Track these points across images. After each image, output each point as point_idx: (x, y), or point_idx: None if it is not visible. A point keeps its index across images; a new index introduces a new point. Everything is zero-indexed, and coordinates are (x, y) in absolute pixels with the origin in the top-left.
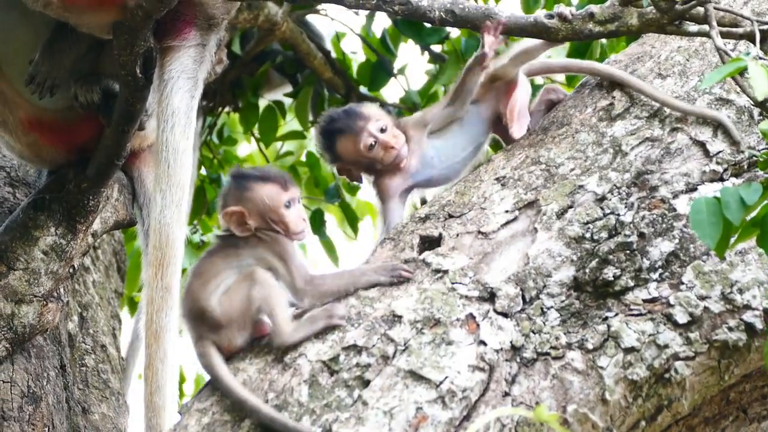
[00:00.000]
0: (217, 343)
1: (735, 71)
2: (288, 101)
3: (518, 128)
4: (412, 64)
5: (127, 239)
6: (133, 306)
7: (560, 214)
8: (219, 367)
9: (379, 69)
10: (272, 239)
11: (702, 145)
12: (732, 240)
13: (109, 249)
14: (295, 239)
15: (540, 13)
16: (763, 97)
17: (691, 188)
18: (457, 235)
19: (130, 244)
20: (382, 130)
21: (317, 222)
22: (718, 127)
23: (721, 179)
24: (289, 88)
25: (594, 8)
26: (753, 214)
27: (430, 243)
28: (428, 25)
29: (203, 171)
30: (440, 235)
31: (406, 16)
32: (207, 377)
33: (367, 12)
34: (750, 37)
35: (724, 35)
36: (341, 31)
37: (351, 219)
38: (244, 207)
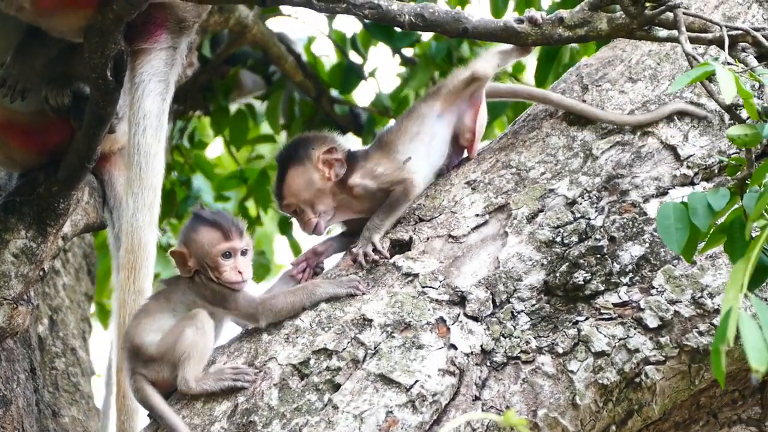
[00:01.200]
0: (148, 377)
1: (702, 75)
2: (259, 105)
3: (477, 149)
4: (383, 67)
5: (98, 242)
6: (103, 313)
7: (531, 218)
8: (152, 398)
9: (350, 72)
10: (204, 284)
11: (673, 149)
12: (700, 246)
13: (79, 252)
14: (229, 288)
15: (510, 18)
16: (730, 100)
17: (662, 192)
18: (428, 238)
19: (101, 248)
20: (296, 213)
21: (285, 225)
22: (689, 130)
23: (692, 183)
24: (259, 92)
25: (563, 13)
26: (721, 219)
27: (400, 247)
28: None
29: (174, 174)
30: (411, 238)
31: (376, 20)
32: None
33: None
34: (719, 42)
35: (693, 40)
36: (312, 34)
37: None
38: (188, 248)
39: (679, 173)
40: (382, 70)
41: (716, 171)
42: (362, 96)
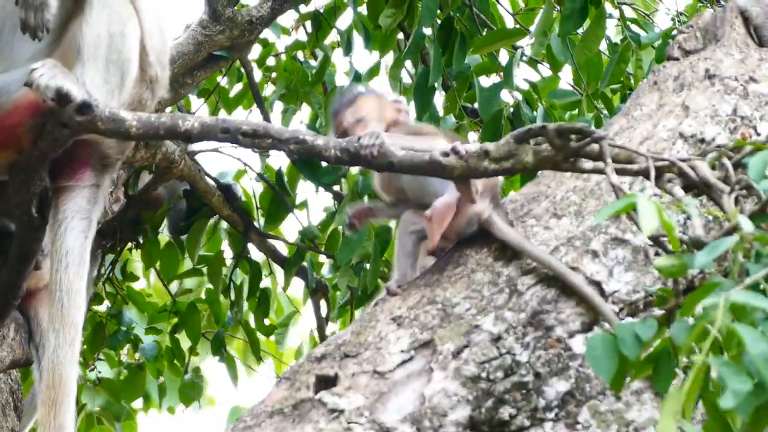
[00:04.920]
0: None
1: (627, 207)
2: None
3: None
4: (314, 197)
5: (24, 378)
6: None
7: (456, 354)
8: None
9: (278, 205)
10: None
11: (598, 284)
12: (628, 377)
13: (5, 388)
14: None
15: (435, 152)
16: (650, 233)
17: (587, 328)
18: (353, 374)
19: (27, 383)
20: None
21: (218, 346)
22: (614, 266)
23: None
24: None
25: (489, 146)
26: (649, 350)
27: (326, 382)
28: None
29: (104, 307)
30: (336, 374)
31: (301, 154)
32: None
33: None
34: (644, 173)
35: (619, 172)
36: (240, 167)
37: (253, 345)
38: None
39: None
40: (312, 200)
41: (641, 306)
42: (290, 229)
